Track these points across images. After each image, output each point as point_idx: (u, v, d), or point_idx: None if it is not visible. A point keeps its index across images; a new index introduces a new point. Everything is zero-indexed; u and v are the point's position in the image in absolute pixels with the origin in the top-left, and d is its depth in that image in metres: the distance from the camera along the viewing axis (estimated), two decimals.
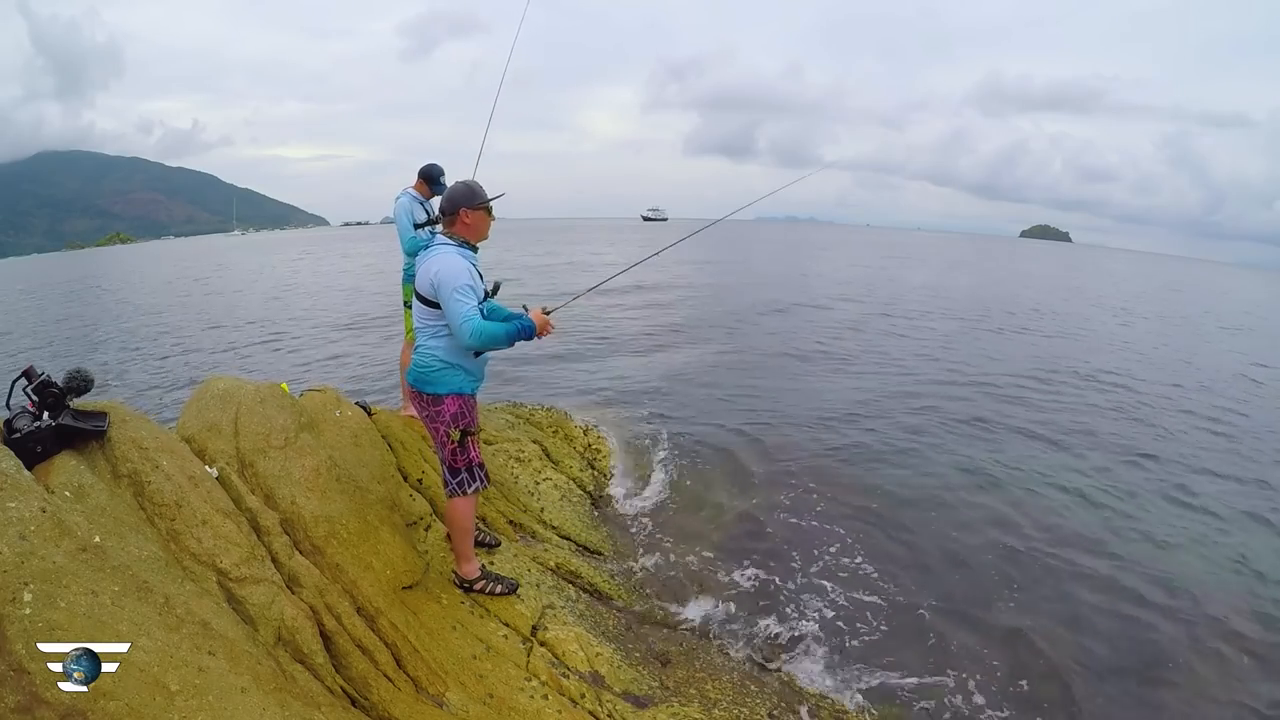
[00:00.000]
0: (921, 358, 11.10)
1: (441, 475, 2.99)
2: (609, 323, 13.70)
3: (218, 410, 2.96)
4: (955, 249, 73.67)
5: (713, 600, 3.87)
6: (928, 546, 4.67)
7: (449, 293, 2.59)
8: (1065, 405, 8.59)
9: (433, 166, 4.25)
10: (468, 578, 3.07)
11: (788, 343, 12.08)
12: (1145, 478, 6.24)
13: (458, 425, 2.83)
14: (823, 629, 3.67)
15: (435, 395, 2.80)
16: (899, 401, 8.28)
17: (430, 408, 2.82)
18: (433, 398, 2.80)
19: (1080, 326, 16.40)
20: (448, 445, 2.86)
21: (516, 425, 5.49)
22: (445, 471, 2.93)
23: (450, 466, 2.89)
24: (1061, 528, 5.07)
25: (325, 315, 15.75)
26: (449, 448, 2.86)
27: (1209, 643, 3.79)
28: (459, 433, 2.84)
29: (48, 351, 12.30)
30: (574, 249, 40.76)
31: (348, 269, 31.45)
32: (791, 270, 29.67)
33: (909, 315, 16.07)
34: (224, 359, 11.29)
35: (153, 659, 1.72)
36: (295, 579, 2.51)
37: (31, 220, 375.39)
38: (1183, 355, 13.34)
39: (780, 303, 17.28)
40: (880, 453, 6.47)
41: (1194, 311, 23.84)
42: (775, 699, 2.98)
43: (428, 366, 2.78)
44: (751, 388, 8.74)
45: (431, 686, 2.47)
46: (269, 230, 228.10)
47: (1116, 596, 4.19)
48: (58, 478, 2.13)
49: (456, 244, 2.73)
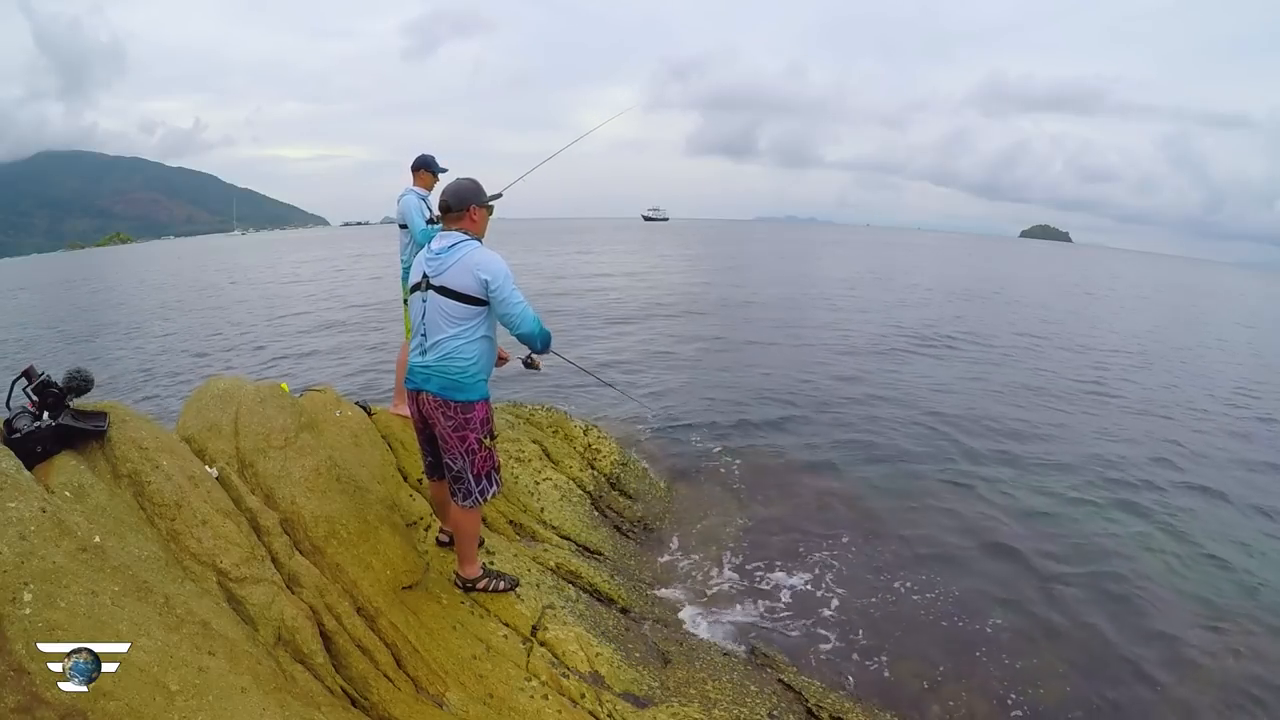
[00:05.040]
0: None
1: (463, 485, 2.77)
2: (610, 322, 13.70)
3: (218, 410, 2.96)
4: (956, 249, 73.68)
5: (713, 600, 3.87)
6: (932, 547, 4.67)
7: (508, 283, 2.53)
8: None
9: (429, 156, 4.21)
10: (470, 578, 3.06)
11: (800, 340, 12.10)
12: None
13: (486, 431, 2.74)
14: (824, 629, 3.68)
15: (467, 402, 2.65)
16: (910, 402, 8.29)
17: (460, 415, 2.65)
18: (463, 405, 2.65)
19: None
20: (479, 452, 2.72)
21: (516, 425, 5.49)
22: (469, 480, 2.75)
23: (475, 474, 2.74)
24: (1073, 531, 5.07)
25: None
26: (479, 454, 2.73)
27: (1217, 645, 3.79)
28: (489, 438, 2.75)
29: (48, 351, 12.30)
30: (568, 250, 40.68)
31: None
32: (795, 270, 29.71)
33: (918, 304, 16.08)
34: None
35: (153, 659, 1.72)
36: (295, 579, 2.51)
37: (31, 220, 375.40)
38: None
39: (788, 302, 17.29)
40: (883, 452, 6.48)
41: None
42: (775, 699, 2.98)
43: (462, 372, 2.61)
44: (751, 386, 8.75)
45: (431, 686, 2.47)
46: (269, 230, 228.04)
47: (1131, 602, 4.17)
48: (58, 478, 2.13)
49: (472, 239, 2.65)
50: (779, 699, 3.00)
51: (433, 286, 2.61)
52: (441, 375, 2.63)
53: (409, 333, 3.16)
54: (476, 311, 2.60)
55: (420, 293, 2.67)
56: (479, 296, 2.57)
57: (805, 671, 3.28)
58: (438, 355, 2.62)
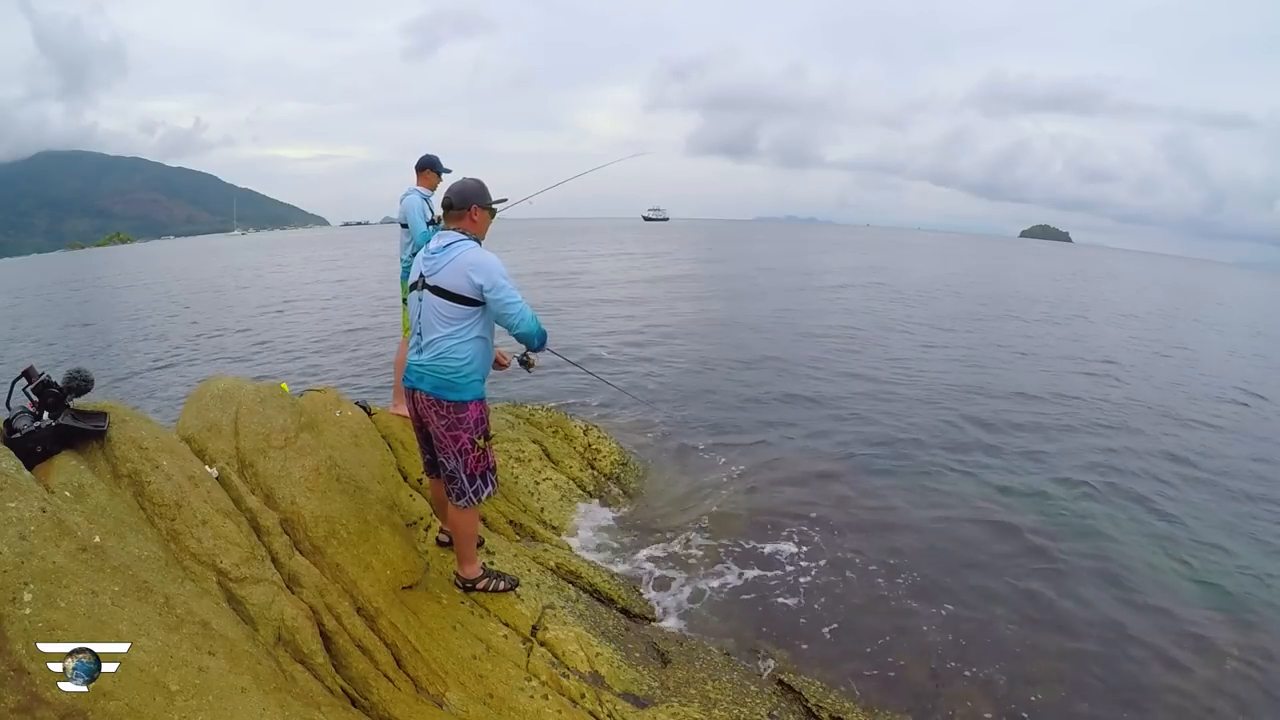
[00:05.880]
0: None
1: (456, 484, 2.80)
2: (607, 322, 13.70)
3: (218, 410, 2.96)
4: (957, 248, 73.70)
5: (714, 599, 3.87)
6: (936, 542, 4.68)
7: (503, 282, 2.53)
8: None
9: (434, 156, 4.22)
10: (469, 578, 3.06)
11: (801, 335, 12.10)
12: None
13: (480, 431, 2.75)
14: (825, 626, 3.67)
15: (460, 402, 2.66)
16: (906, 399, 8.28)
17: (453, 415, 2.67)
18: (456, 405, 2.66)
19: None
20: (471, 453, 2.73)
21: (516, 425, 5.49)
22: (463, 480, 2.77)
23: (469, 474, 2.76)
24: (1075, 525, 5.07)
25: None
26: (472, 455, 2.74)
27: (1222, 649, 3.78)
28: (484, 439, 2.76)
29: (48, 351, 12.30)
30: (568, 251, 40.71)
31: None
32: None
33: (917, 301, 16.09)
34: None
35: (153, 659, 1.72)
36: (295, 579, 2.51)
37: (31, 220, 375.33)
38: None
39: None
40: (886, 449, 6.47)
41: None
42: (775, 699, 2.98)
43: (455, 372, 2.62)
44: (753, 382, 8.75)
45: (431, 686, 2.47)
46: (269, 230, 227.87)
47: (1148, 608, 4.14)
48: (58, 478, 2.13)
49: (470, 239, 2.66)
50: (779, 698, 3.00)
51: (428, 286, 2.62)
52: (435, 375, 2.64)
53: (407, 332, 3.16)
54: (470, 312, 2.60)
55: (417, 292, 2.68)
56: (472, 297, 2.57)
57: (805, 670, 3.28)
58: (432, 355, 2.63)
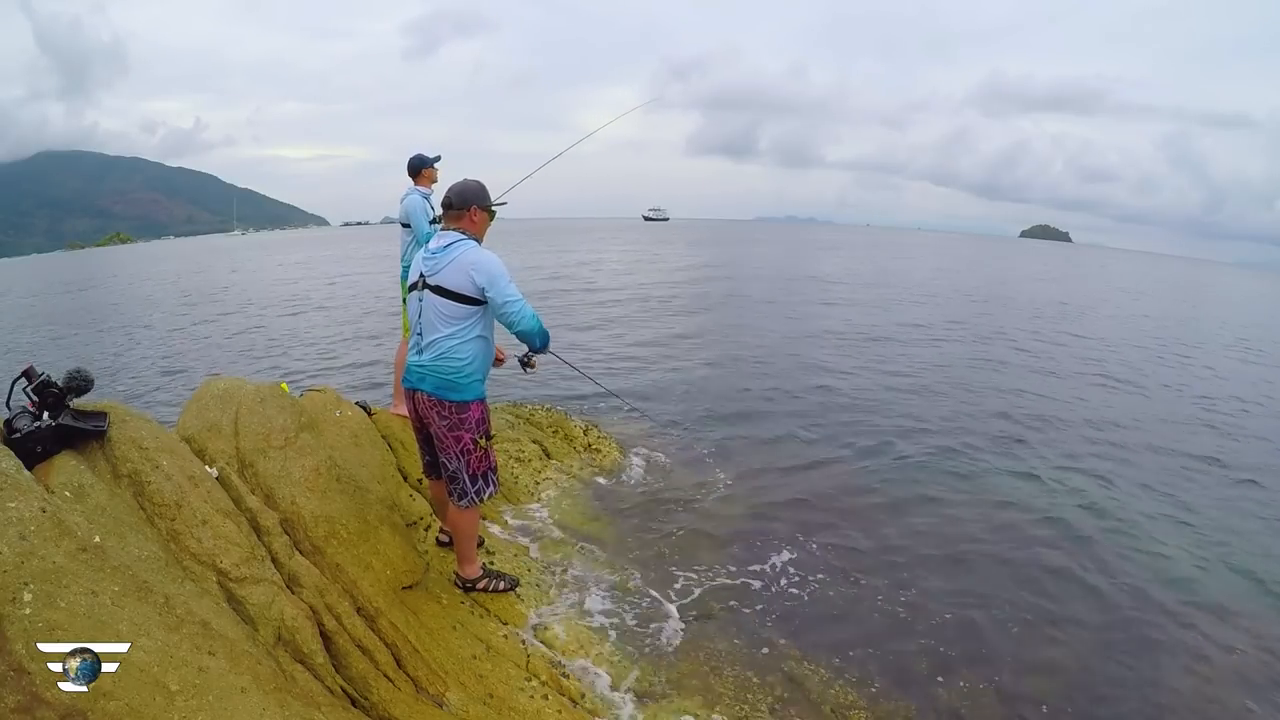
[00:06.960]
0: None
1: (458, 485, 2.80)
2: (608, 321, 13.70)
3: (218, 410, 2.96)
4: (957, 248, 73.74)
5: (715, 594, 3.86)
6: (938, 536, 4.67)
7: (504, 281, 2.53)
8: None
9: (420, 155, 4.21)
10: (470, 578, 3.06)
11: (800, 334, 12.09)
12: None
13: (482, 431, 2.75)
14: (827, 620, 3.66)
15: (462, 402, 2.66)
16: (906, 398, 8.28)
17: (454, 415, 2.67)
18: (458, 405, 2.66)
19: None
20: (473, 453, 2.74)
21: (516, 425, 5.50)
22: (464, 480, 2.78)
23: (470, 474, 2.77)
24: (1077, 522, 5.06)
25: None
26: (474, 455, 2.74)
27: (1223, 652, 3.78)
28: (485, 439, 2.77)
29: (48, 351, 12.30)
30: (569, 251, 40.73)
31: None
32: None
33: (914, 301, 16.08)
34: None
35: (153, 659, 1.72)
36: (295, 579, 2.51)
37: (31, 220, 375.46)
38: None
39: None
40: (890, 445, 6.46)
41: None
42: (778, 692, 2.98)
43: (457, 372, 2.62)
44: (752, 381, 8.74)
45: (431, 686, 2.47)
46: (269, 230, 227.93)
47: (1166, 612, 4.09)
48: (58, 478, 2.13)
49: (470, 239, 2.66)
50: (782, 690, 2.99)
51: (428, 286, 2.62)
52: (436, 375, 2.64)
53: (407, 332, 3.16)
54: (471, 311, 2.60)
55: (417, 292, 2.69)
56: (473, 296, 2.57)
57: (808, 662, 3.27)
58: (433, 355, 2.63)
